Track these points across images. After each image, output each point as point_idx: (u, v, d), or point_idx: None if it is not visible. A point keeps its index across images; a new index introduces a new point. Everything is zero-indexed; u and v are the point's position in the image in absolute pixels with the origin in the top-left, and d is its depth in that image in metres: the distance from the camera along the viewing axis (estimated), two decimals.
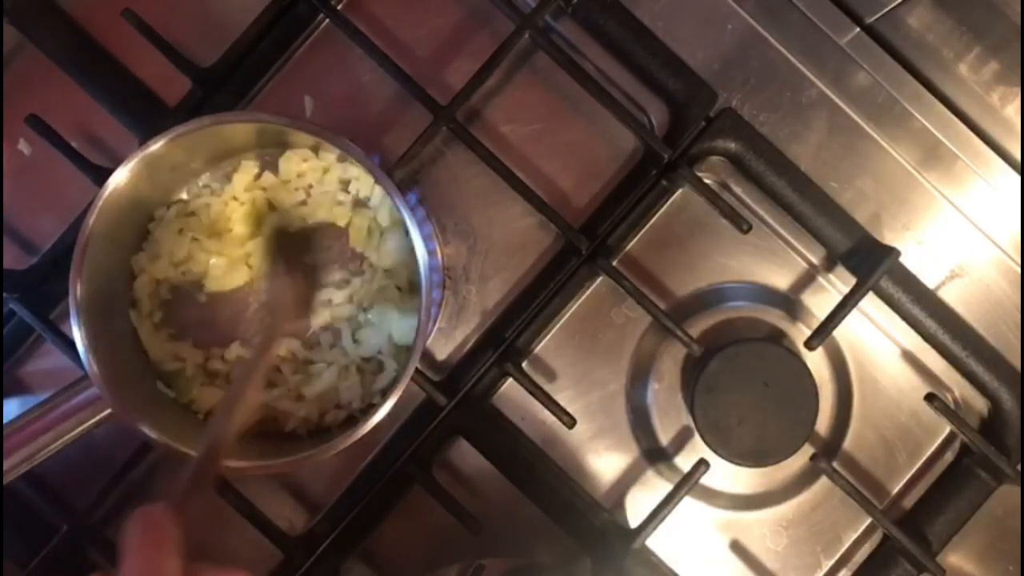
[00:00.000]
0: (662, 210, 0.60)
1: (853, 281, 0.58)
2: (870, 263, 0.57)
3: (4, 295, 0.57)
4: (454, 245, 0.60)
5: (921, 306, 0.58)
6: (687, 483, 0.56)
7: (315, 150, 0.55)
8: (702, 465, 0.57)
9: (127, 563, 0.34)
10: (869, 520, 0.59)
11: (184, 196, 0.55)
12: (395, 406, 0.50)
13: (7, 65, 0.61)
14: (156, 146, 0.50)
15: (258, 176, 0.55)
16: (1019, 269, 0.60)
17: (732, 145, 0.59)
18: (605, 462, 0.60)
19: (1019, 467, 0.57)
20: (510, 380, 0.59)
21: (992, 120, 0.61)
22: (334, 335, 0.55)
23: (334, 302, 0.54)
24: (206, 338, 0.55)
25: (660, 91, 0.60)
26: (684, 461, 0.60)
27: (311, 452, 0.51)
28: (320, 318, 0.54)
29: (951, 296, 0.60)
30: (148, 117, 0.59)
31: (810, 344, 0.57)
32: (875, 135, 0.60)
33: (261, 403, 0.54)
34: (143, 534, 0.35)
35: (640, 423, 0.60)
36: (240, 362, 0.53)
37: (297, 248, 0.54)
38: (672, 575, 0.59)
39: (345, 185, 0.55)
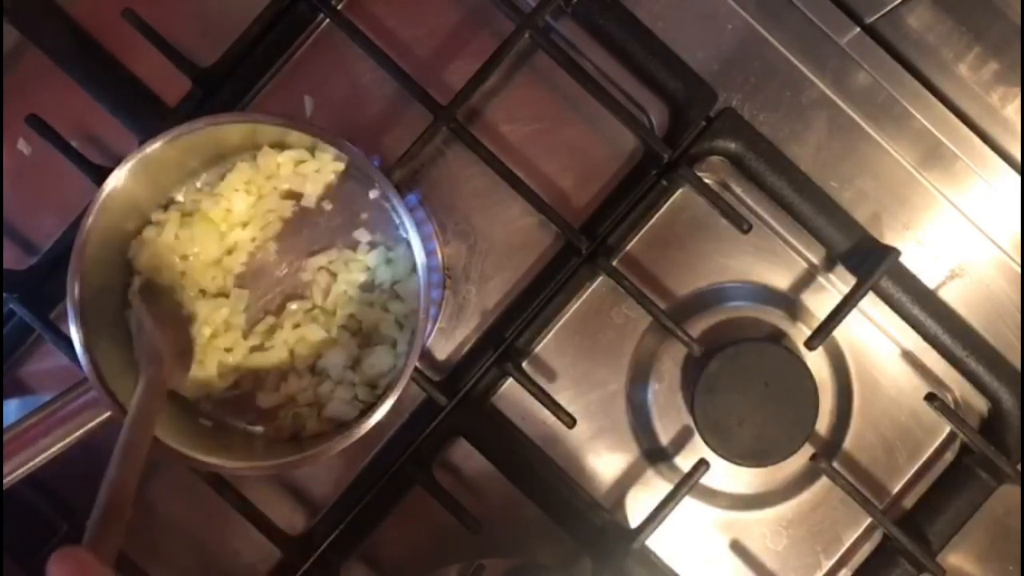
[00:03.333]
0: (662, 210, 0.60)
1: (853, 281, 0.58)
2: (870, 263, 0.57)
3: (4, 295, 0.57)
4: (454, 245, 0.60)
5: (921, 306, 0.58)
6: (687, 483, 0.56)
7: (312, 150, 0.55)
8: (702, 465, 0.57)
9: None
10: (869, 520, 0.59)
11: (180, 197, 0.55)
12: (395, 406, 0.50)
13: (7, 65, 0.61)
14: (154, 147, 0.50)
15: (251, 178, 0.55)
16: (1019, 269, 0.60)
17: (732, 145, 0.59)
18: (605, 462, 0.60)
19: (1019, 467, 0.57)
20: (510, 380, 0.59)
21: (992, 120, 0.61)
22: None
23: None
24: None
25: (660, 91, 0.60)
26: (684, 461, 0.60)
27: (311, 452, 0.51)
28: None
29: (951, 296, 0.59)
30: (148, 117, 0.59)
31: (810, 344, 0.57)
32: (875, 135, 0.60)
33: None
34: None
35: (640, 423, 0.60)
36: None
37: (168, 298, 0.54)
38: (672, 575, 0.59)
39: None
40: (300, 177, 0.55)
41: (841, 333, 0.59)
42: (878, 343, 0.60)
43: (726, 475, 0.60)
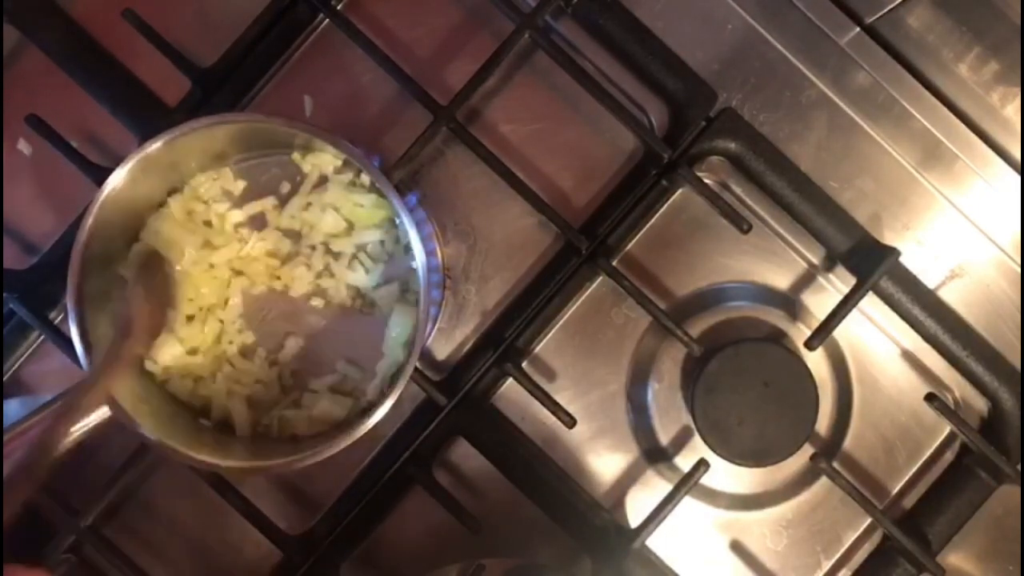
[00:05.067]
0: (662, 210, 0.60)
1: (853, 281, 0.58)
2: (870, 263, 0.57)
3: (4, 295, 0.57)
4: (454, 245, 0.60)
5: (921, 306, 0.58)
6: (687, 483, 0.56)
7: (310, 150, 0.55)
8: (702, 465, 0.57)
9: None
10: (869, 520, 0.59)
11: (180, 197, 0.55)
12: (395, 406, 0.50)
13: (7, 65, 0.61)
14: (154, 147, 0.50)
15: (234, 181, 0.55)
16: (1019, 269, 0.60)
17: (732, 145, 0.59)
18: (605, 462, 0.60)
19: (1019, 467, 0.57)
20: (510, 380, 0.59)
21: (992, 120, 0.61)
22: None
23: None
24: None
25: (660, 91, 0.60)
26: (684, 461, 0.60)
27: (311, 452, 0.51)
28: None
29: (951, 296, 0.59)
30: (148, 117, 0.59)
31: (810, 344, 0.57)
32: (875, 135, 0.60)
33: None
34: None
35: (640, 423, 0.60)
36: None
37: (160, 274, 0.54)
38: (672, 575, 0.59)
39: None
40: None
41: (841, 333, 0.59)
42: (878, 343, 0.60)
43: (726, 475, 0.60)
